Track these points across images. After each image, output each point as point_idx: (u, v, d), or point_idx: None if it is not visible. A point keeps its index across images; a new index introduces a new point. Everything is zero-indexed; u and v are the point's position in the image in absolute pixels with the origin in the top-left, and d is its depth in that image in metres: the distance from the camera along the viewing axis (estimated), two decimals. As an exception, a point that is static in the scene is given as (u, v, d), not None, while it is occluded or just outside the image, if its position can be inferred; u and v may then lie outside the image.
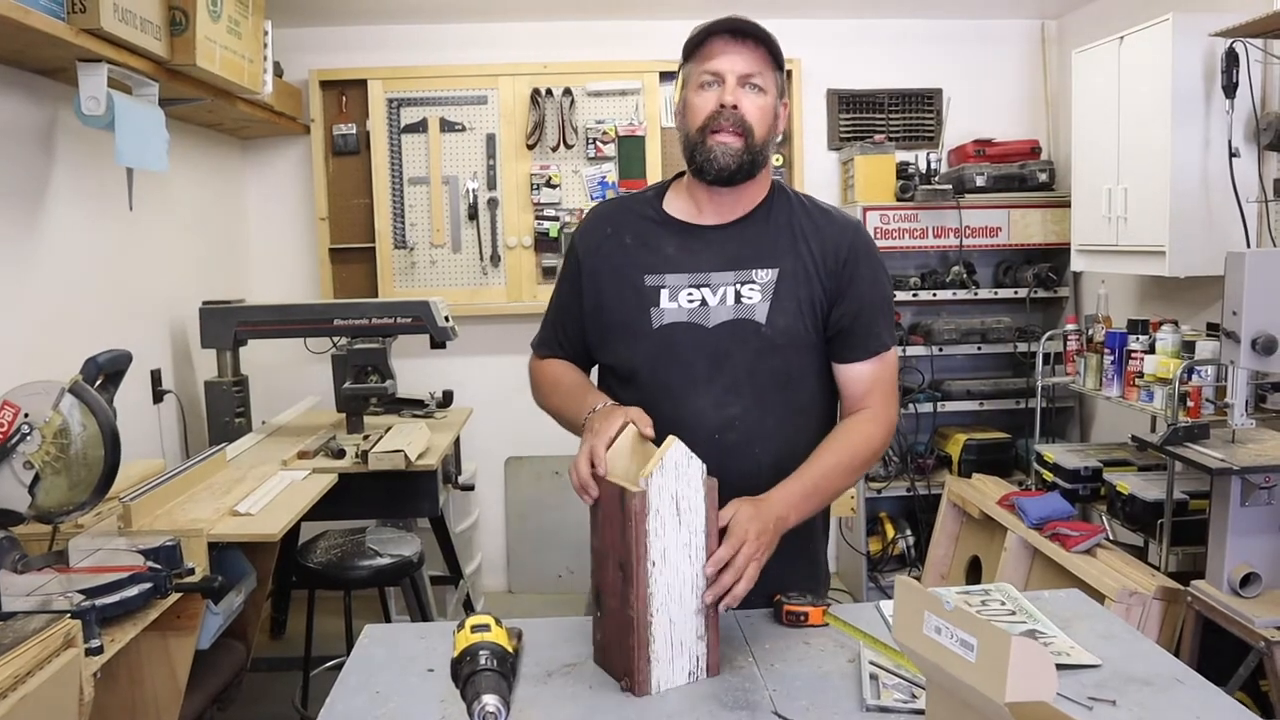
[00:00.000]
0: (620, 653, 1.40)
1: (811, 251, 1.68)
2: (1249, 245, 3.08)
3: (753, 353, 1.65)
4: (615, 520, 1.39)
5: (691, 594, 1.40)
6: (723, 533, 1.42)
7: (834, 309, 1.68)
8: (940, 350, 4.26)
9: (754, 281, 1.66)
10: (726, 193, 1.68)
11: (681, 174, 1.75)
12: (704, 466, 1.39)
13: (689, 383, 1.65)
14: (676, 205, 1.74)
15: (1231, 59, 3.00)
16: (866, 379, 1.69)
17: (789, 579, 1.69)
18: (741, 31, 1.60)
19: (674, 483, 1.37)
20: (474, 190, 4.37)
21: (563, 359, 1.83)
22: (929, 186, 4.18)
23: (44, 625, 1.66)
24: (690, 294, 1.66)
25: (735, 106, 1.60)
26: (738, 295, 1.65)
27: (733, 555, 1.40)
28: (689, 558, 1.39)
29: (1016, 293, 4.32)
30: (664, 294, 1.67)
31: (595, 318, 1.74)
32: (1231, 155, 3.06)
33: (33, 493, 2.07)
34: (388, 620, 3.48)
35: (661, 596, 1.37)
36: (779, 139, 1.76)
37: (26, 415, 2.06)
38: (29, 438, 2.06)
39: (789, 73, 4.36)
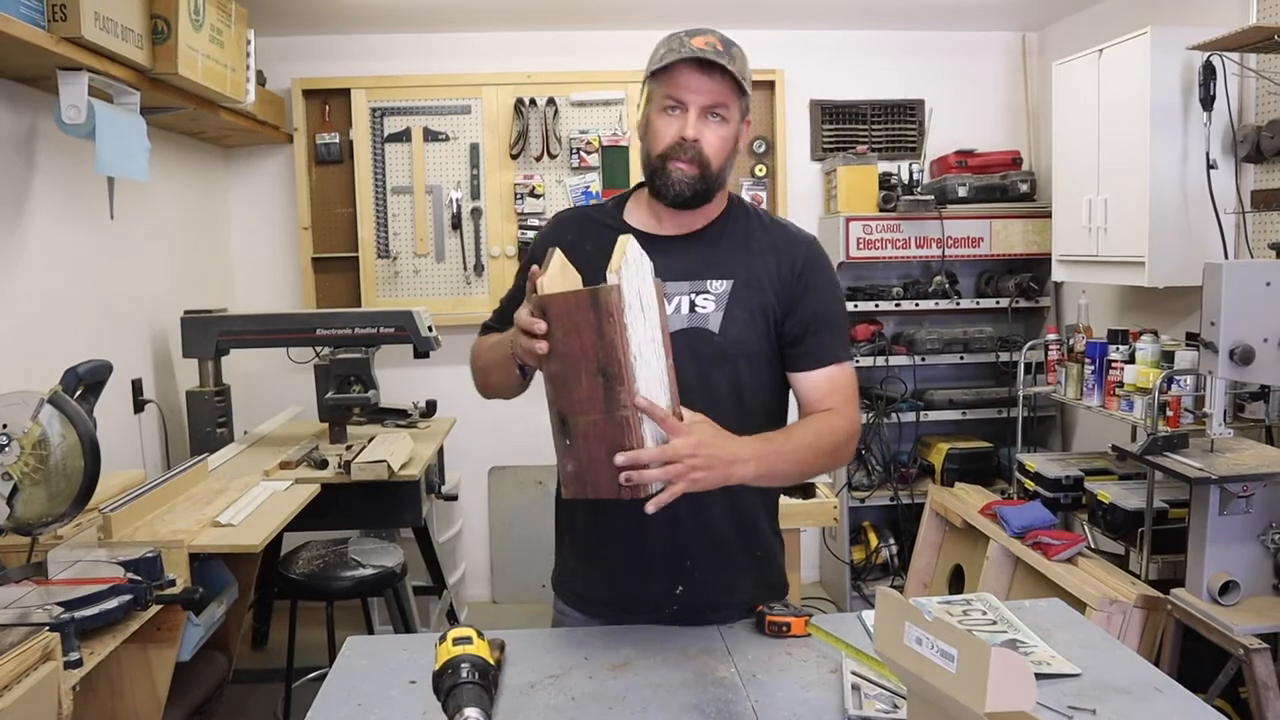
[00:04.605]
0: (609, 465, 1.34)
1: (767, 263, 1.69)
2: (1226, 256, 3.12)
3: (706, 361, 1.65)
4: (586, 327, 1.33)
5: (660, 390, 1.38)
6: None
7: (787, 319, 1.69)
8: (923, 360, 4.29)
9: (708, 292, 1.67)
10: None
11: (642, 185, 1.76)
12: (652, 264, 1.42)
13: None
14: (636, 216, 1.75)
15: (1209, 72, 3.04)
16: (823, 386, 1.69)
17: (740, 584, 1.70)
18: (709, 62, 1.58)
19: (635, 278, 1.35)
20: (457, 200, 4.37)
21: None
22: (911, 197, 4.21)
23: (21, 638, 1.64)
24: None
25: (696, 140, 1.60)
26: (692, 305, 1.67)
27: (673, 460, 1.35)
28: (655, 354, 1.38)
29: (998, 303, 4.35)
30: None
31: None
32: (1209, 167, 3.09)
33: (11, 504, 2.05)
34: (370, 631, 3.46)
35: (645, 393, 1.33)
36: (748, 151, 1.76)
37: (5, 426, 2.05)
38: (7, 449, 2.04)
39: (772, 84, 4.45)
